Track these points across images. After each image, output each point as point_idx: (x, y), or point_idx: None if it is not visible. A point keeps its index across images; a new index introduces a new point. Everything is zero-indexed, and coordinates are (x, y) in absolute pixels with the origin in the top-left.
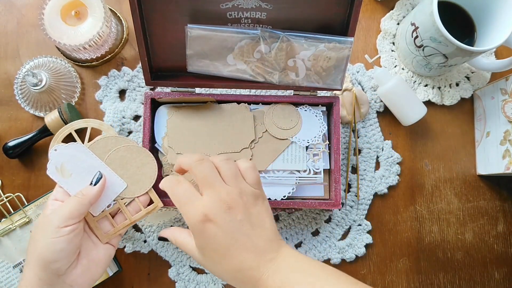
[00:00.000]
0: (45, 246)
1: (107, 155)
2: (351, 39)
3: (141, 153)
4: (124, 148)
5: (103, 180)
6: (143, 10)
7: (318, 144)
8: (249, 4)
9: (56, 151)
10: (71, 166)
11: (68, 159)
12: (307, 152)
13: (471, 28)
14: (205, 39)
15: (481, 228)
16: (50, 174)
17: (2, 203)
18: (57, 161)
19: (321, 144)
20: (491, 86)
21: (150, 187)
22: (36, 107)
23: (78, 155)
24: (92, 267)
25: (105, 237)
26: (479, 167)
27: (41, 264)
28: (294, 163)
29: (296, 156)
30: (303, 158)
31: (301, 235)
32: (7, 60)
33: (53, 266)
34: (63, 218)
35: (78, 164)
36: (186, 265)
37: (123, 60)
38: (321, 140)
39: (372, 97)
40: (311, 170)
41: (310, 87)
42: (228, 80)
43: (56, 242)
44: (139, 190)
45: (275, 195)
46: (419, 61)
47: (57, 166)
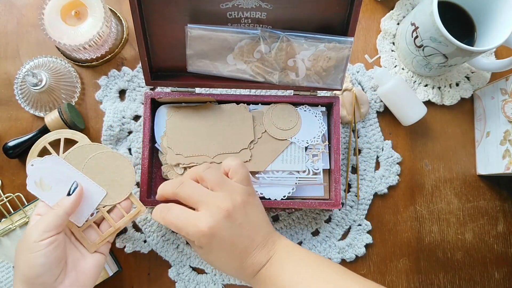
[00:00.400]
0: (25, 262)
1: (83, 163)
2: (351, 39)
3: (117, 159)
4: (100, 155)
5: (78, 190)
6: (143, 10)
7: (317, 144)
8: (249, 4)
9: (33, 166)
10: (49, 179)
11: (46, 172)
12: (307, 152)
13: (471, 28)
14: (205, 39)
15: (481, 228)
16: (30, 189)
17: (2, 203)
18: (35, 176)
19: (320, 144)
20: (491, 86)
21: (130, 192)
22: (36, 107)
23: (55, 168)
24: (81, 278)
25: (92, 247)
26: (479, 167)
27: (26, 280)
28: (293, 163)
29: (295, 157)
30: (302, 159)
31: (301, 235)
32: (7, 60)
33: (37, 281)
34: (40, 231)
35: (56, 176)
36: (186, 265)
37: (123, 60)
38: (320, 141)
39: (372, 97)
40: (310, 171)
41: (310, 87)
42: (228, 80)
43: (35, 257)
44: (119, 196)
45: (275, 195)
46: (419, 61)
47: (36, 180)
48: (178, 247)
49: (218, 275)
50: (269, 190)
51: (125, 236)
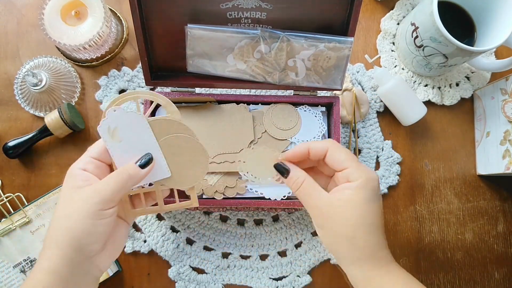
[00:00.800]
0: (83, 228)
1: (163, 137)
2: (351, 39)
3: (198, 150)
4: (183, 138)
5: (151, 166)
6: (143, 10)
7: None
8: (249, 4)
9: (115, 112)
10: (124, 133)
11: (125, 125)
12: None
13: (471, 28)
14: (205, 39)
15: (481, 228)
16: (101, 131)
17: (2, 203)
18: (113, 123)
19: None
20: (491, 86)
21: (193, 185)
22: (36, 107)
23: (135, 126)
24: (115, 245)
25: (131, 214)
26: (479, 167)
27: (75, 245)
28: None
29: None
30: None
31: (301, 235)
32: (7, 60)
33: (88, 248)
34: (106, 199)
35: (132, 135)
36: (186, 265)
37: (123, 60)
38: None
39: (372, 97)
40: None
41: (310, 87)
42: (228, 80)
43: (97, 225)
44: (181, 183)
45: (275, 195)
46: (419, 61)
47: (111, 126)
48: (178, 246)
49: (218, 275)
50: (269, 190)
51: None
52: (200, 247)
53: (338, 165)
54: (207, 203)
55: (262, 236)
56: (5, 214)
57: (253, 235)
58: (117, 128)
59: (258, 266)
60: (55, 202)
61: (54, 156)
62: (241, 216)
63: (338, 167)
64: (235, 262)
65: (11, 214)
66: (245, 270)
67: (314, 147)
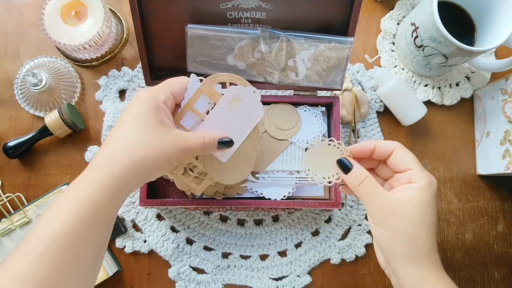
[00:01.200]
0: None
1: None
2: (351, 39)
3: (251, 149)
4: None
5: (225, 149)
6: (143, 10)
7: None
8: (249, 4)
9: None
10: (239, 107)
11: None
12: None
13: (471, 28)
14: (205, 39)
15: (481, 228)
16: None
17: (2, 203)
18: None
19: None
20: (491, 86)
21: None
22: (36, 107)
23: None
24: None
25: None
26: (479, 167)
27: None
28: (293, 163)
29: (295, 157)
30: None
31: (301, 235)
32: (7, 60)
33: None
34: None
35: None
36: (186, 265)
37: (123, 60)
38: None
39: (372, 97)
40: None
41: (310, 87)
42: None
43: (166, 169)
44: (226, 179)
45: (275, 195)
46: (419, 61)
47: (238, 94)
48: (178, 246)
49: (218, 275)
50: (269, 190)
51: (125, 236)
52: (200, 247)
53: (403, 166)
54: (207, 203)
55: (262, 236)
56: (5, 214)
57: (253, 235)
58: (241, 100)
59: (258, 266)
60: None
61: (54, 156)
62: (241, 216)
63: (402, 167)
64: (235, 262)
65: (11, 214)
66: (245, 270)
67: (381, 145)
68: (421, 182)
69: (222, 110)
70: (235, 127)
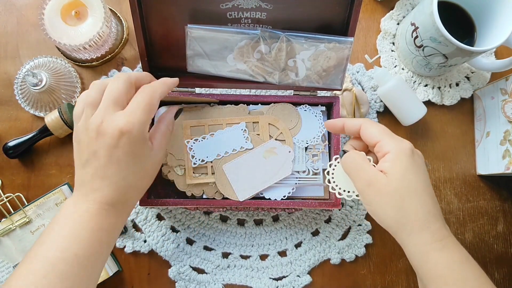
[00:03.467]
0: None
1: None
2: (351, 39)
3: None
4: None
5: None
6: (143, 10)
7: (317, 144)
8: (249, 4)
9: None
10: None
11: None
12: (306, 152)
13: (471, 28)
14: (205, 39)
15: (481, 228)
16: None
17: (2, 203)
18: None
19: (320, 144)
20: (491, 86)
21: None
22: (36, 107)
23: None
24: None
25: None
26: (479, 167)
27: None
28: (294, 164)
29: (295, 157)
30: (302, 159)
31: (301, 235)
32: (7, 60)
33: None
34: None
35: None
36: (186, 265)
37: (123, 60)
38: (320, 141)
39: (372, 97)
40: (310, 171)
41: (310, 87)
42: (228, 80)
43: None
44: None
45: (275, 195)
46: (419, 61)
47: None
48: (178, 246)
49: (218, 275)
50: (269, 190)
51: (125, 236)
52: (200, 247)
53: (373, 139)
54: (207, 203)
55: (262, 236)
56: (5, 214)
57: (253, 235)
58: (276, 154)
59: (258, 266)
60: (55, 202)
61: (54, 156)
62: (241, 216)
63: (372, 141)
64: (235, 262)
65: (11, 214)
66: (245, 270)
67: (349, 123)
68: (391, 152)
69: (256, 155)
70: (262, 174)
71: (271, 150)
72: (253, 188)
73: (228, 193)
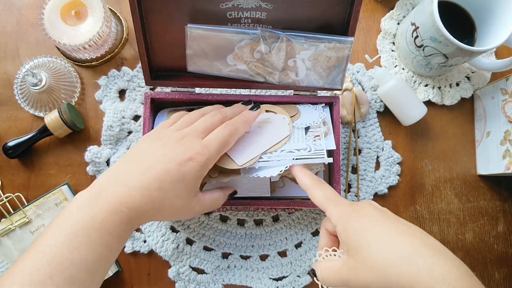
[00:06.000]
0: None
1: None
2: (351, 39)
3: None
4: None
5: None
6: (143, 10)
7: (318, 128)
8: (249, 4)
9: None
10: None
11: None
12: (307, 134)
13: (471, 28)
14: (205, 39)
15: (481, 228)
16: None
17: (2, 203)
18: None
19: (321, 127)
20: (491, 86)
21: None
22: (36, 107)
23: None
24: None
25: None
26: (479, 167)
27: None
28: (294, 143)
29: (295, 137)
30: (302, 139)
31: (301, 235)
32: (7, 60)
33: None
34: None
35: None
36: (186, 265)
37: (123, 60)
38: (321, 124)
39: (372, 97)
40: (312, 149)
41: (310, 87)
42: (228, 80)
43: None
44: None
45: (270, 173)
46: (419, 61)
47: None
48: (178, 247)
49: (218, 275)
50: (265, 169)
51: None
52: (200, 247)
53: (320, 207)
54: None
55: (262, 236)
56: (5, 214)
57: (253, 235)
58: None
59: (258, 266)
60: (55, 203)
61: (54, 156)
62: (241, 216)
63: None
64: (235, 262)
65: (11, 214)
66: (245, 270)
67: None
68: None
69: (251, 128)
70: (260, 140)
71: (265, 121)
72: (252, 152)
73: (225, 163)
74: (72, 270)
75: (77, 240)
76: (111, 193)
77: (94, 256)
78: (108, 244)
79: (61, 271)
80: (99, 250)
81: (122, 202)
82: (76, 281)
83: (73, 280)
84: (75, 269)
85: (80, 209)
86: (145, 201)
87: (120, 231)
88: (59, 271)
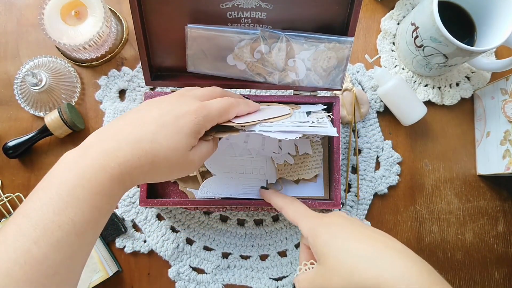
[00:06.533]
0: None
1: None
2: (351, 39)
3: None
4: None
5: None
6: (143, 10)
7: (319, 113)
8: (249, 4)
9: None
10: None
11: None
12: (309, 116)
13: (471, 28)
14: (205, 39)
15: (481, 228)
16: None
17: (2, 203)
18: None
19: (322, 113)
20: (491, 86)
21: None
22: (36, 107)
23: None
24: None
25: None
26: (479, 167)
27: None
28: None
29: (297, 116)
30: (304, 117)
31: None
32: (7, 60)
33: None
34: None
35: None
36: (186, 265)
37: (123, 60)
38: (321, 112)
39: (372, 97)
40: (316, 123)
41: (310, 87)
42: (228, 80)
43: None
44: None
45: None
46: (419, 61)
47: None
48: (178, 246)
49: (218, 275)
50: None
51: (125, 236)
52: (200, 247)
53: (294, 223)
54: (207, 203)
55: (262, 236)
56: (5, 214)
57: (253, 235)
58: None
59: (258, 266)
60: None
61: (54, 156)
62: (241, 216)
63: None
64: (235, 262)
65: (11, 214)
66: (245, 270)
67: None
68: (308, 236)
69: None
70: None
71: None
72: (252, 118)
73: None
74: (59, 234)
75: (64, 200)
76: (99, 149)
77: (82, 218)
78: (97, 204)
79: (47, 235)
80: (87, 211)
81: (111, 157)
82: (64, 245)
83: (61, 245)
84: (62, 232)
85: (66, 168)
86: (137, 155)
87: (109, 190)
88: (45, 235)
